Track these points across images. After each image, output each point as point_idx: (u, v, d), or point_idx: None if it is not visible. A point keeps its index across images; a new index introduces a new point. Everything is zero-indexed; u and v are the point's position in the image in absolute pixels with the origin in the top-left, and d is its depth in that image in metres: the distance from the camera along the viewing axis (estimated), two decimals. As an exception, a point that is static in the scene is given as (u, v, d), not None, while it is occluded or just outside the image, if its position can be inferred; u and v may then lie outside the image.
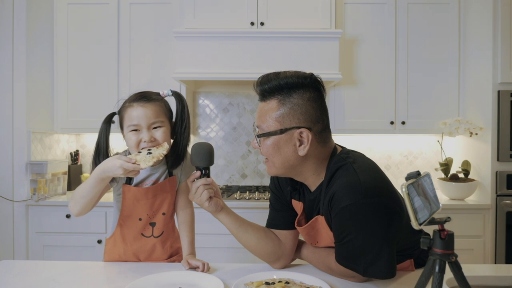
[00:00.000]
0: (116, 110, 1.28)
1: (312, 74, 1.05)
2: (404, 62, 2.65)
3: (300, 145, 1.03)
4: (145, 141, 1.18)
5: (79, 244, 2.39)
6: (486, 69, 2.41)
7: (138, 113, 1.18)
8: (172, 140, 1.31)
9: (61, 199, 2.44)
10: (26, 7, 2.39)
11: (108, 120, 1.25)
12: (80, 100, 2.67)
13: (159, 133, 1.21)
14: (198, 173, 1.13)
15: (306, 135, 1.02)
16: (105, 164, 1.10)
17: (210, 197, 1.13)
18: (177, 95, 1.27)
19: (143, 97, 1.21)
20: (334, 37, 2.41)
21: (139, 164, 1.08)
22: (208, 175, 1.14)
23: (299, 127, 1.02)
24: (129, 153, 1.26)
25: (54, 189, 2.53)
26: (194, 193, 1.12)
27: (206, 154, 1.12)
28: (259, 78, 1.07)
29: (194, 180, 1.13)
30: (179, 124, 1.28)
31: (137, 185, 1.27)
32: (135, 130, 1.19)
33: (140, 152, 1.15)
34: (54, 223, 2.39)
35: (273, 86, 1.04)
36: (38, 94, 2.53)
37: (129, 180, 1.26)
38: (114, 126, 1.27)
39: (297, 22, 2.51)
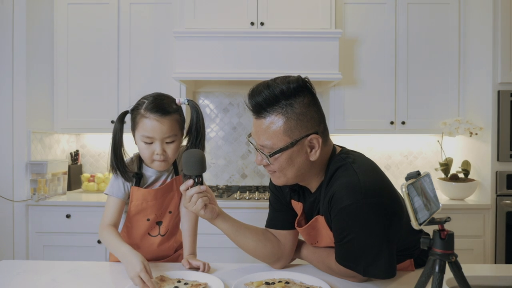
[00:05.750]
0: (128, 108, 1.25)
1: (299, 77, 1.02)
2: (404, 62, 2.65)
3: (311, 151, 1.02)
4: (157, 154, 1.19)
5: (79, 244, 2.39)
6: (486, 69, 2.41)
7: (154, 127, 1.17)
8: (183, 146, 1.32)
9: (61, 199, 2.44)
10: (26, 7, 2.39)
11: (121, 119, 1.23)
12: (80, 100, 2.67)
13: (170, 148, 1.21)
14: (191, 181, 1.08)
15: (316, 139, 1.01)
16: (130, 259, 1.06)
17: (205, 205, 1.09)
18: (193, 106, 1.26)
19: (160, 109, 1.18)
20: (334, 37, 2.41)
21: None
22: (201, 183, 1.09)
23: (308, 135, 1.01)
24: (140, 159, 1.27)
25: (54, 189, 2.53)
26: (189, 202, 1.08)
27: (197, 162, 1.08)
28: (249, 91, 1.02)
29: (188, 189, 1.09)
30: (194, 135, 1.27)
31: (146, 187, 1.29)
32: (148, 143, 1.19)
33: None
34: (54, 223, 2.39)
35: (267, 98, 0.99)
36: (38, 94, 2.53)
37: (138, 182, 1.26)
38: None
39: (297, 22, 2.51)
